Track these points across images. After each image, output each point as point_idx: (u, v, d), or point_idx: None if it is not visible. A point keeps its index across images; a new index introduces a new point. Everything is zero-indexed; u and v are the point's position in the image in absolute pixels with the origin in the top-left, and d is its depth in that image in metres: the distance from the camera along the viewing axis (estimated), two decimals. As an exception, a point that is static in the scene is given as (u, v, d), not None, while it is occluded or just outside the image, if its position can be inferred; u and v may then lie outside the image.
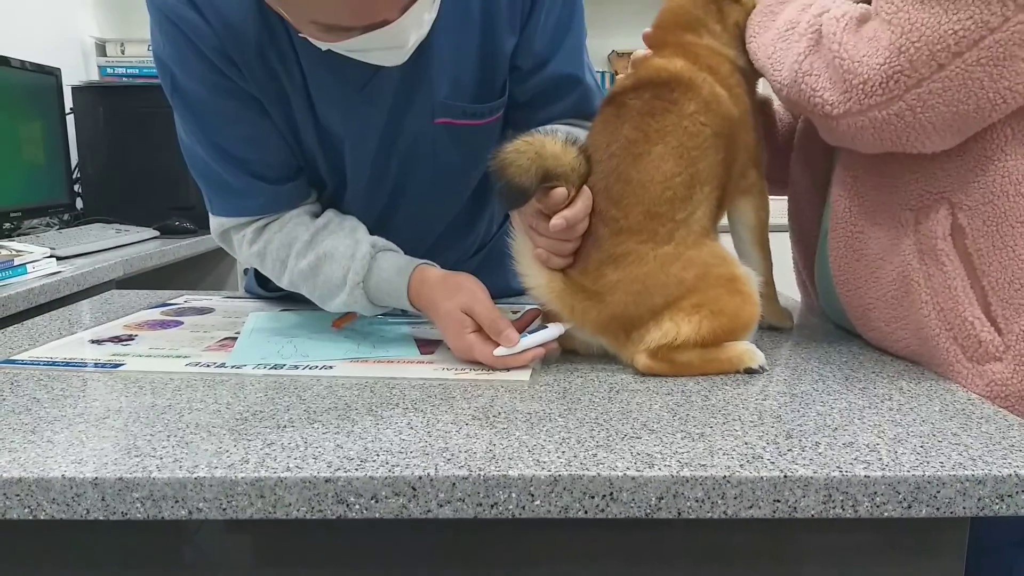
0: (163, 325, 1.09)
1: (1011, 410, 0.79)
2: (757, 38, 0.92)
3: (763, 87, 1.00)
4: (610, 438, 0.67)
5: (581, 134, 0.94)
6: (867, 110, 0.77)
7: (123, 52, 2.91)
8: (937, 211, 0.82)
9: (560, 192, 0.83)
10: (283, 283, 1.03)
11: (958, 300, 0.81)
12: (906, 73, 0.74)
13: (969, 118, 0.76)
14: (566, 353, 0.92)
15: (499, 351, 0.85)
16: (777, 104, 1.19)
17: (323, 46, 0.85)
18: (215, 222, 1.05)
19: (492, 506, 0.61)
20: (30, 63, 2.32)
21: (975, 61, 0.72)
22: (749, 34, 0.94)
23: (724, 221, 0.99)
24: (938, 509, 0.61)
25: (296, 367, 0.88)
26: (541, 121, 1.04)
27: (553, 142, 0.84)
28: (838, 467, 0.61)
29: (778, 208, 1.06)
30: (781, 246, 1.12)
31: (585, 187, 0.86)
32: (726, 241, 1.00)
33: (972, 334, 0.81)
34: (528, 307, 0.96)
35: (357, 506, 0.61)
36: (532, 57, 1.02)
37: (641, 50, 0.99)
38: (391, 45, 0.84)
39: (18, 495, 0.60)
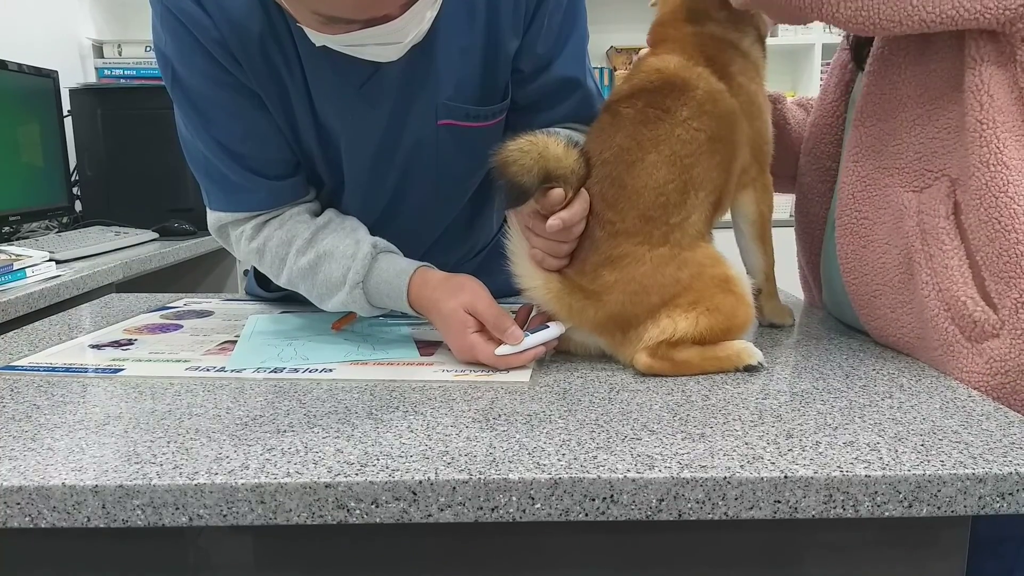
0: (163, 329, 1.09)
1: (1013, 386, 0.78)
2: None
3: (771, 86, 0.99)
4: (610, 439, 0.67)
5: (580, 138, 0.94)
6: None
7: (120, 53, 2.91)
8: (939, 189, 0.82)
9: (558, 193, 0.83)
10: (281, 281, 1.03)
11: (954, 280, 0.81)
12: None
13: None
14: (564, 353, 0.92)
15: (502, 350, 0.85)
16: (789, 102, 1.19)
17: (318, 41, 0.84)
18: (212, 217, 1.05)
19: (492, 510, 0.61)
20: (27, 66, 2.31)
21: None
22: None
23: (728, 217, 0.99)
24: (939, 508, 0.61)
25: (296, 370, 0.88)
26: (541, 124, 1.03)
27: (556, 143, 0.83)
28: (839, 467, 0.61)
29: (780, 203, 1.05)
30: (784, 241, 1.12)
31: (583, 189, 0.86)
32: (729, 236, 1.00)
33: (966, 314, 0.80)
34: (519, 305, 0.95)
35: (358, 511, 0.61)
36: (534, 60, 1.02)
37: (644, 50, 0.99)
38: (388, 41, 0.83)
39: (19, 503, 0.60)
